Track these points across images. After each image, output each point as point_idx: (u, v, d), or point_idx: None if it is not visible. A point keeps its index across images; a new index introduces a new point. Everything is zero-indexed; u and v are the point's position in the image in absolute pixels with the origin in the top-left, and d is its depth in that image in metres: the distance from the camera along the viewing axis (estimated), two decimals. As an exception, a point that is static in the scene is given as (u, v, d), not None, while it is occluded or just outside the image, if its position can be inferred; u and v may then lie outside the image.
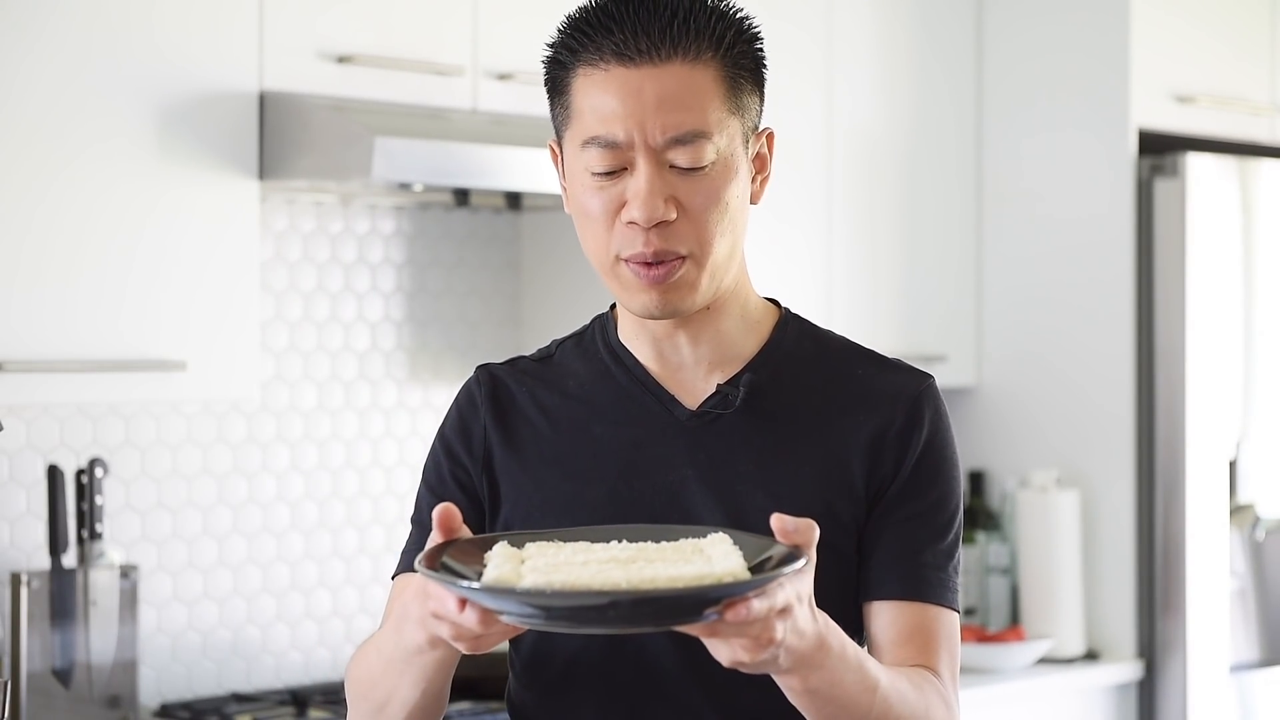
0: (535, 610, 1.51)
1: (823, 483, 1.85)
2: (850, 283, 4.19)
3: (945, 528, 1.87)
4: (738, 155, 1.82)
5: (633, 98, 1.77)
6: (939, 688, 1.81)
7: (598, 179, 1.79)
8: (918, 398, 1.90)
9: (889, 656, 1.84)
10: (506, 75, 3.52)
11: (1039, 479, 4.31)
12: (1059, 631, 4.26)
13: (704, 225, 1.79)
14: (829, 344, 1.94)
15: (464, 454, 1.90)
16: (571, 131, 1.82)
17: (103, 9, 3.09)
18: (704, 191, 1.79)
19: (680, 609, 1.52)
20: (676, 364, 1.89)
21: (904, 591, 1.85)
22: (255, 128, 3.25)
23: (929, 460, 1.88)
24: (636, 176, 1.78)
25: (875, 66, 4.25)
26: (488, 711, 3.39)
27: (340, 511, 3.76)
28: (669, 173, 1.78)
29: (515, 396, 1.91)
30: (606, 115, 1.78)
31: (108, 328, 3.09)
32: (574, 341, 1.95)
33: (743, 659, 1.55)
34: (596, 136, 1.78)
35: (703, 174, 1.79)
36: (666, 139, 1.77)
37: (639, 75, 1.77)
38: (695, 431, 1.86)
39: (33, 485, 3.34)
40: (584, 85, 1.80)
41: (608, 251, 1.81)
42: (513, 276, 4.01)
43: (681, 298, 1.81)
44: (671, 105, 1.77)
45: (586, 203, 1.81)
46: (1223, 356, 4.34)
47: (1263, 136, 4.62)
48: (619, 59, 1.78)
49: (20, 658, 3.18)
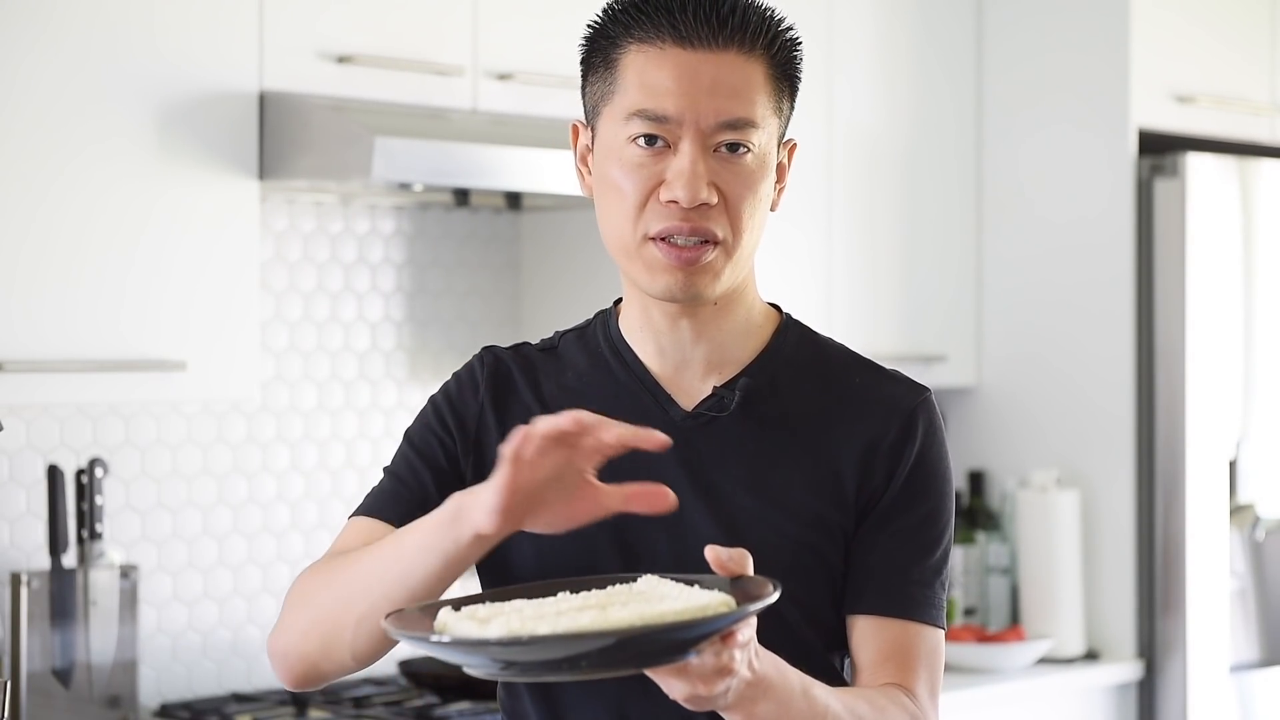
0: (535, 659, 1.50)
1: (813, 490, 1.85)
2: (850, 283, 4.19)
3: (934, 543, 1.87)
4: (772, 154, 1.85)
5: (688, 79, 1.79)
6: (907, 706, 1.81)
7: (637, 154, 1.80)
8: (913, 410, 1.88)
9: (867, 673, 1.84)
10: (506, 75, 3.52)
11: (1039, 479, 4.31)
12: (1059, 631, 4.26)
13: (739, 214, 1.81)
14: (828, 351, 1.94)
15: (454, 425, 1.90)
16: (613, 106, 1.83)
17: (103, 9, 3.09)
18: (743, 181, 1.81)
19: (672, 645, 1.52)
20: (676, 362, 1.89)
21: (887, 608, 1.84)
22: (255, 128, 3.25)
23: (920, 474, 1.87)
24: (680, 156, 1.79)
25: (875, 66, 4.25)
26: (487, 711, 3.40)
27: (340, 512, 3.76)
28: (711, 158, 1.80)
29: (516, 383, 1.91)
30: (659, 91, 1.79)
31: (108, 328, 3.09)
32: (576, 334, 1.96)
33: (700, 693, 1.56)
34: (645, 109, 1.80)
35: (743, 164, 1.81)
36: (717, 123, 1.79)
37: (696, 58, 1.79)
38: (689, 433, 1.86)
39: (33, 485, 3.34)
40: (637, 61, 1.81)
41: (635, 230, 1.81)
42: (513, 276, 4.01)
43: (706, 283, 1.82)
44: (725, 91, 1.79)
45: (619, 179, 1.82)
46: (1223, 356, 4.34)
47: (1263, 136, 4.62)
48: (677, 40, 1.80)
49: (20, 658, 3.18)
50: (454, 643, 1.52)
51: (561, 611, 1.54)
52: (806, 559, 1.84)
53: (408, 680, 3.57)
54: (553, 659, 1.50)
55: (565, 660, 1.50)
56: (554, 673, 1.53)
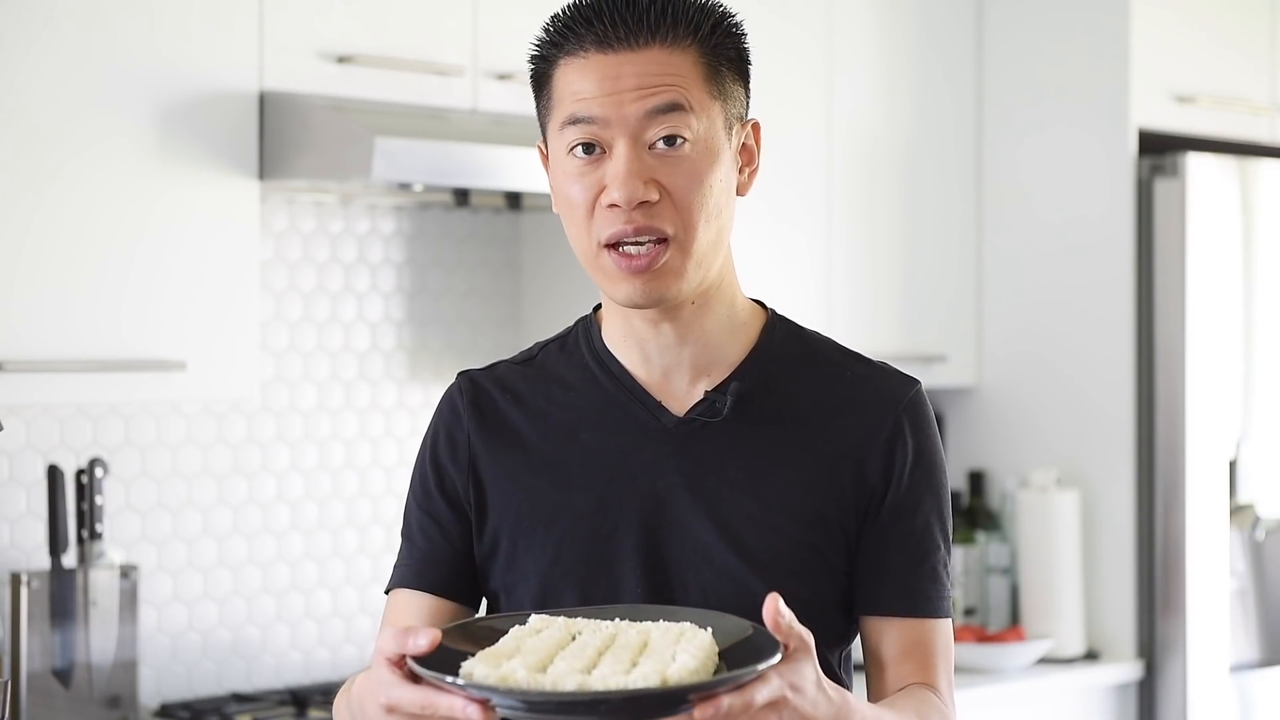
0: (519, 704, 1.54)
1: (813, 490, 1.85)
2: (850, 283, 4.19)
3: (938, 535, 1.89)
4: (719, 140, 1.82)
5: (610, 80, 1.79)
6: (938, 706, 1.84)
7: (577, 164, 1.80)
8: (906, 405, 1.88)
9: (890, 672, 1.86)
10: (506, 75, 3.52)
11: (1039, 479, 4.31)
12: (1059, 631, 4.26)
13: (687, 207, 1.79)
14: (815, 346, 1.93)
15: (449, 464, 1.90)
16: (553, 120, 1.83)
17: (103, 9, 3.09)
18: (685, 173, 1.79)
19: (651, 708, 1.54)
20: (662, 368, 1.88)
21: (902, 608, 1.87)
22: (255, 128, 3.25)
23: (920, 469, 1.88)
24: (615, 159, 1.78)
25: (875, 66, 4.25)
26: (488, 711, 3.39)
27: (340, 511, 3.76)
28: (648, 155, 1.79)
29: (498, 402, 1.90)
30: (584, 96, 1.79)
31: (108, 328, 3.09)
32: (557, 345, 1.94)
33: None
34: (573, 114, 1.80)
35: (682, 155, 1.79)
36: (644, 112, 1.78)
37: (618, 60, 1.79)
38: (683, 438, 1.86)
39: (33, 485, 3.34)
40: (564, 73, 1.81)
41: (590, 239, 1.81)
42: (513, 276, 4.01)
43: (666, 285, 1.80)
44: (649, 83, 1.79)
45: (568, 191, 1.81)
46: (1223, 356, 4.34)
47: (1263, 136, 4.62)
48: (599, 47, 1.80)
49: (20, 658, 3.18)
50: (475, 686, 1.54)
51: (583, 655, 1.59)
52: (808, 559, 1.84)
53: (408, 680, 3.57)
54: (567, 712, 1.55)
55: (583, 706, 1.55)
56: (573, 715, 1.56)
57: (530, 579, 1.85)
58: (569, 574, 1.83)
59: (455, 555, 1.88)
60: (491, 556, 1.88)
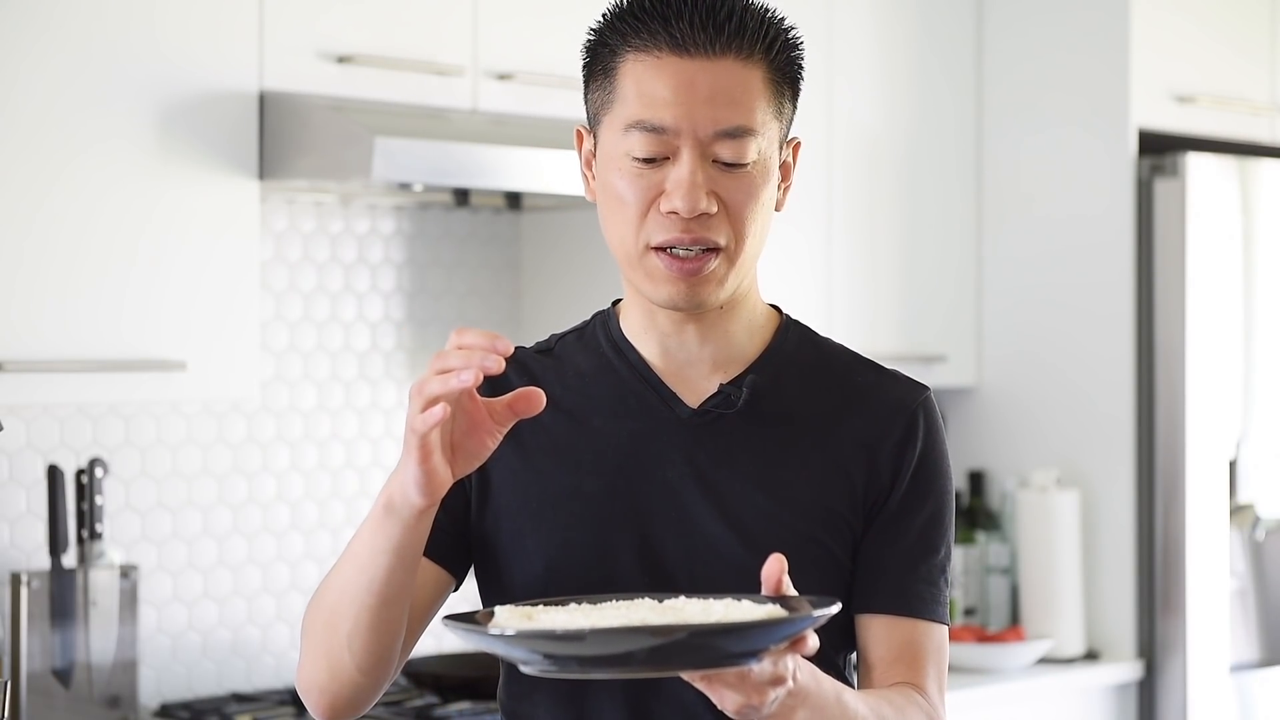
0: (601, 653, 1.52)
1: (822, 487, 1.86)
2: (850, 283, 4.19)
3: (939, 541, 1.89)
4: (774, 158, 1.84)
5: (685, 88, 1.78)
6: (923, 706, 1.84)
7: (637, 165, 1.80)
8: (915, 409, 1.90)
9: (879, 671, 1.86)
10: (506, 75, 3.52)
11: (1039, 479, 4.31)
12: (1059, 631, 4.26)
13: (741, 222, 1.82)
14: (828, 351, 1.95)
15: None
16: (613, 115, 1.82)
17: (103, 9, 3.09)
18: (744, 189, 1.81)
19: (744, 648, 1.53)
20: (680, 361, 1.89)
21: (896, 607, 1.87)
22: (255, 128, 3.25)
23: (925, 473, 1.89)
24: (679, 166, 1.79)
25: (875, 66, 4.25)
26: (487, 711, 3.40)
27: (340, 511, 3.76)
28: (711, 167, 1.79)
29: (513, 383, 1.89)
30: (656, 101, 1.79)
31: (108, 328, 3.09)
32: (575, 336, 1.95)
33: (753, 702, 1.58)
34: (642, 120, 1.79)
35: (744, 171, 1.81)
36: (715, 131, 1.79)
37: (693, 67, 1.79)
38: (696, 430, 1.86)
39: (33, 485, 3.34)
40: (634, 70, 1.80)
41: (637, 240, 1.81)
42: (513, 276, 4.01)
43: (709, 291, 1.82)
44: (723, 99, 1.79)
45: (621, 188, 1.81)
46: (1223, 356, 4.34)
47: (1263, 136, 4.62)
48: (674, 49, 1.79)
49: (20, 658, 3.18)
50: (517, 635, 1.54)
51: (620, 614, 1.58)
52: (817, 555, 1.84)
53: (408, 680, 3.57)
54: (616, 653, 1.52)
55: (623, 656, 1.52)
56: (608, 668, 1.54)
57: (535, 559, 1.85)
58: (574, 557, 1.84)
59: (449, 521, 1.86)
60: (495, 534, 1.88)
